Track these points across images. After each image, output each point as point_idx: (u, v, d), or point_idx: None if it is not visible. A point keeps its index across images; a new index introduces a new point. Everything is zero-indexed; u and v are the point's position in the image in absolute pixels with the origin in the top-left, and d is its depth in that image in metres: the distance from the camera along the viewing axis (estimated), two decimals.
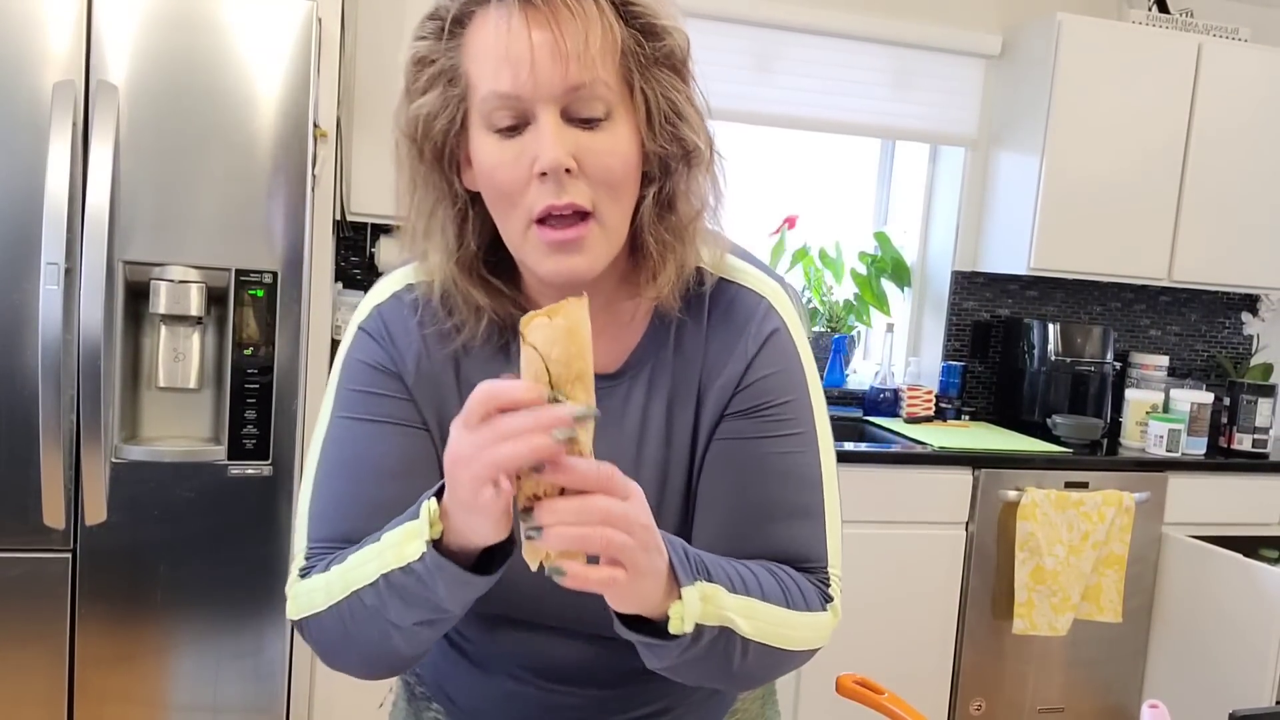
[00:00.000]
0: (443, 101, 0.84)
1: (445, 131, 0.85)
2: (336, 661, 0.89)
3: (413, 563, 0.76)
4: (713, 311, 0.93)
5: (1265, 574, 2.84)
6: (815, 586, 0.90)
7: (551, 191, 0.80)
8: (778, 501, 0.90)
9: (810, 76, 3.27)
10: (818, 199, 3.62)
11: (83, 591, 2.13)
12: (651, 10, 0.83)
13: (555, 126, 0.80)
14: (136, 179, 2.06)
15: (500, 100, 0.80)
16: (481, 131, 0.83)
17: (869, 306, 3.59)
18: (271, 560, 2.21)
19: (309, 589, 0.87)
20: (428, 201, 0.88)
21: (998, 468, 2.96)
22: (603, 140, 0.82)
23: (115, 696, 2.18)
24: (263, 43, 2.09)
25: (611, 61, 0.81)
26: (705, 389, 0.93)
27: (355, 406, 0.91)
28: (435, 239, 0.88)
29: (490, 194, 0.84)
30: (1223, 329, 3.86)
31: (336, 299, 2.69)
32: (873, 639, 2.88)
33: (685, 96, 0.86)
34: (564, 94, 0.80)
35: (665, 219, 0.88)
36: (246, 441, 2.16)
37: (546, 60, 0.78)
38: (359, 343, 0.94)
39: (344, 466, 0.90)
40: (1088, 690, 3.14)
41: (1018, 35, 3.35)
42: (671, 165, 0.87)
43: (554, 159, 0.79)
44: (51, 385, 1.99)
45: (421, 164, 0.87)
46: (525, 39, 0.79)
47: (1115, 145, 3.22)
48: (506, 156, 0.81)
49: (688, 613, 0.76)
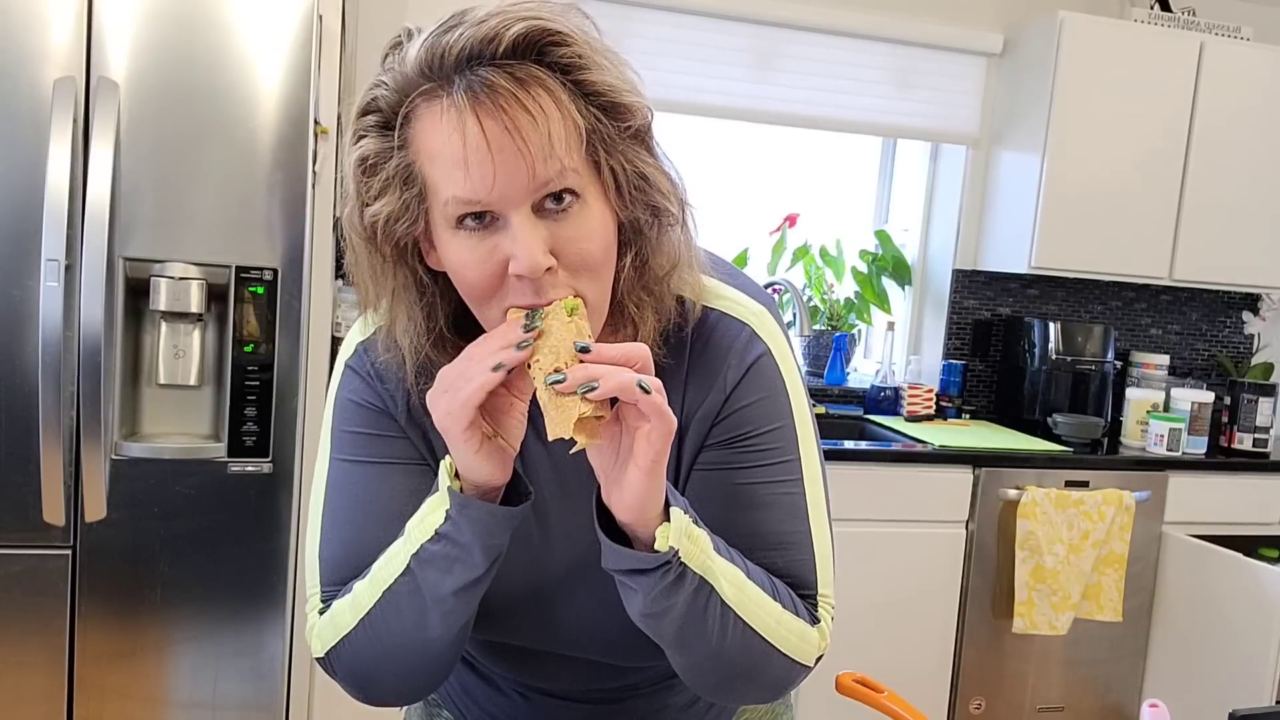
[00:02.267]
0: (402, 204, 0.78)
1: (408, 231, 0.80)
2: (371, 686, 0.88)
3: (440, 527, 0.79)
4: (694, 344, 0.91)
5: (1265, 573, 2.84)
6: (803, 605, 0.90)
7: (531, 291, 0.77)
8: (760, 533, 0.88)
9: (811, 74, 3.27)
10: (819, 197, 3.61)
11: (82, 588, 2.13)
12: (610, 87, 0.78)
13: (529, 227, 0.75)
14: (137, 176, 2.06)
15: (465, 205, 0.76)
16: (447, 230, 0.78)
17: (870, 305, 3.58)
18: (271, 558, 2.22)
19: (332, 615, 0.88)
20: (389, 290, 0.84)
21: (998, 466, 2.96)
22: (577, 226, 0.78)
23: (115, 693, 2.18)
24: (263, 39, 2.09)
25: (576, 146, 0.77)
26: (687, 422, 0.91)
27: (353, 449, 0.91)
28: (401, 323, 0.84)
29: (464, 288, 0.80)
30: (1224, 328, 3.86)
31: (337, 296, 2.69)
32: (872, 637, 2.88)
33: (653, 165, 0.82)
34: (531, 192, 0.75)
35: (642, 278, 0.86)
36: (247, 439, 2.16)
37: (509, 164, 0.74)
38: (347, 381, 0.93)
39: (349, 511, 0.90)
40: (1088, 689, 3.14)
41: (1019, 34, 3.35)
42: (644, 229, 0.84)
43: (532, 262, 0.75)
44: (52, 382, 1.99)
45: (384, 261, 0.82)
46: (483, 145, 0.73)
47: (1117, 144, 3.21)
48: (477, 255, 0.77)
49: (673, 532, 0.76)
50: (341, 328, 2.70)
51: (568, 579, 0.93)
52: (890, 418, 3.35)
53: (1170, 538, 3.11)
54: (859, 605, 2.85)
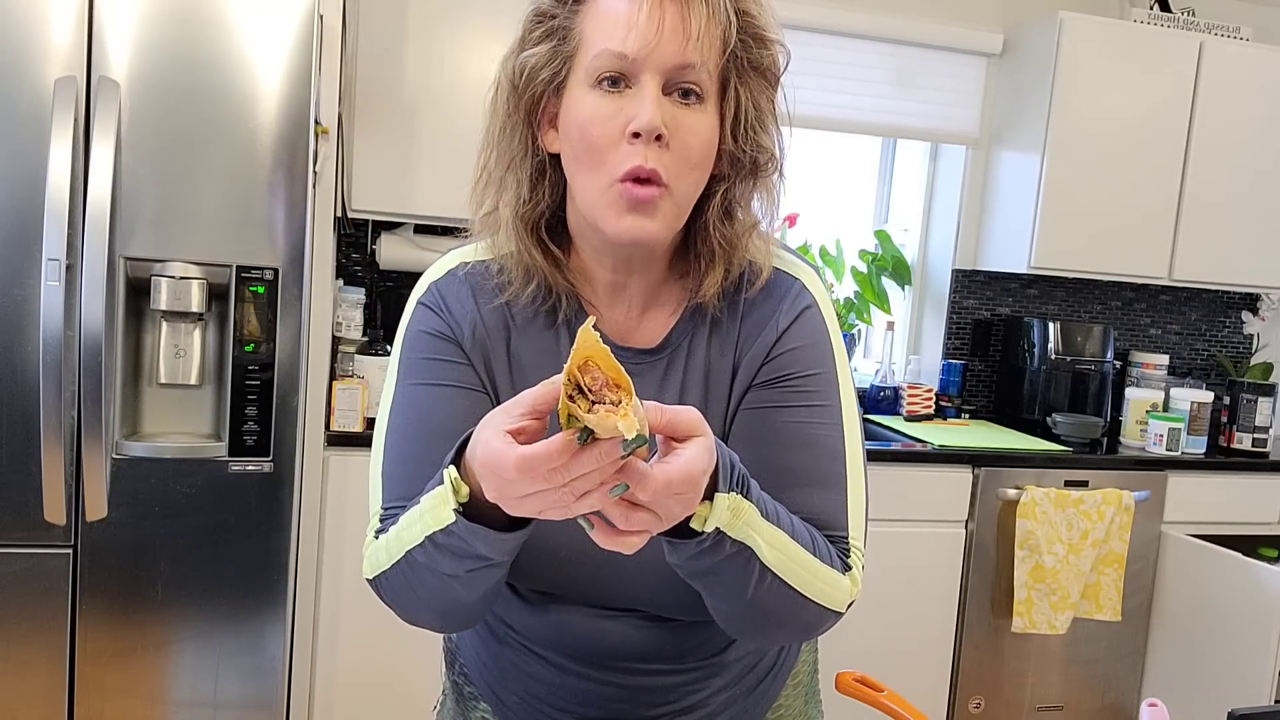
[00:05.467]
0: (550, 55, 0.88)
1: (546, 84, 0.89)
2: (412, 616, 0.93)
3: (450, 525, 0.79)
4: (749, 291, 0.97)
5: (1265, 573, 2.84)
6: (836, 552, 0.91)
7: (640, 154, 0.85)
8: (799, 469, 0.91)
9: (811, 74, 3.27)
10: (819, 197, 3.62)
11: (83, 587, 2.13)
12: (762, 22, 0.89)
13: (656, 93, 0.85)
14: (138, 175, 2.06)
15: (613, 59, 0.85)
16: (583, 88, 0.87)
17: (869, 304, 3.59)
18: (272, 557, 2.22)
19: (376, 549, 0.91)
20: (509, 152, 0.93)
21: (998, 466, 2.96)
22: (693, 119, 0.87)
23: (115, 692, 2.18)
24: (264, 39, 2.09)
25: (718, 55, 0.87)
26: (739, 362, 0.96)
27: (419, 373, 0.95)
28: (509, 191, 0.93)
29: (578, 148, 0.88)
30: (1223, 328, 3.87)
31: (338, 296, 2.69)
32: (872, 637, 2.88)
33: (771, 110, 0.92)
34: (673, 68, 0.85)
35: (723, 225, 0.93)
36: (247, 438, 2.16)
37: (669, 32, 0.84)
38: (418, 316, 0.98)
39: (412, 429, 0.94)
40: (1087, 689, 3.15)
41: (1019, 34, 3.35)
42: (743, 171, 0.92)
43: (651, 121, 0.84)
44: (53, 381, 1.99)
45: (516, 113, 0.91)
46: (658, 8, 0.84)
47: (1116, 144, 3.22)
48: (604, 112, 0.86)
49: (713, 516, 0.77)
50: (342, 327, 2.70)
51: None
52: (890, 417, 3.35)
53: (1169, 537, 3.12)
54: (859, 604, 2.84)
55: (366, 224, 3.03)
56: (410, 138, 2.70)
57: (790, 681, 1.15)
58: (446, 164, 2.69)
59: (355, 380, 2.58)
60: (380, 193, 2.72)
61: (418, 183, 2.72)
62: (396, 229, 2.99)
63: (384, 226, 2.99)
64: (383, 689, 2.60)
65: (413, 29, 2.66)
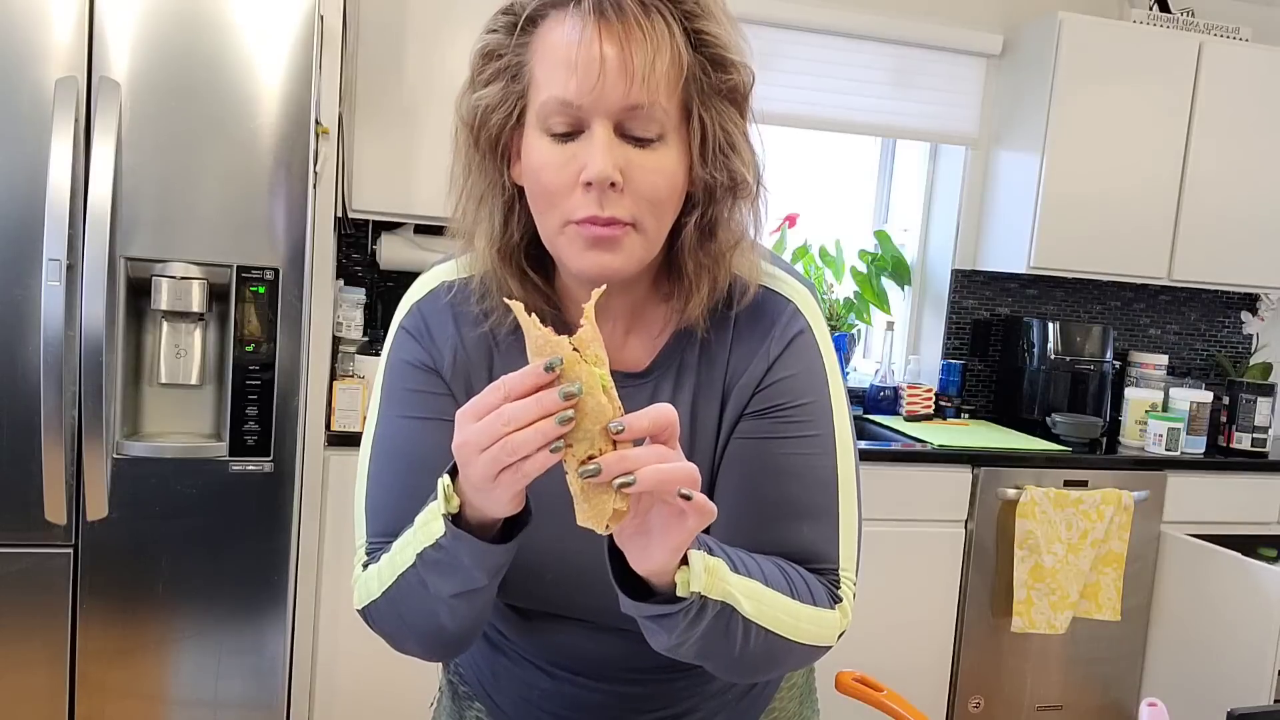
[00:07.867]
0: (503, 96, 0.86)
1: (501, 124, 0.87)
2: (399, 645, 0.93)
3: (440, 538, 0.79)
4: (740, 314, 0.95)
5: (1264, 573, 2.84)
6: (824, 586, 0.91)
7: (595, 203, 0.82)
8: (789, 500, 0.91)
9: (811, 75, 3.28)
10: (818, 197, 3.62)
11: (84, 587, 2.13)
12: (721, 42, 0.85)
13: (607, 140, 0.82)
14: (138, 175, 2.07)
15: (559, 106, 0.82)
16: (535, 132, 0.85)
17: (869, 305, 3.59)
18: (272, 557, 2.22)
19: (366, 578, 0.91)
20: (478, 188, 0.91)
21: (997, 466, 2.96)
22: (651, 160, 0.84)
23: (116, 691, 2.18)
24: (265, 39, 2.10)
25: (674, 87, 0.83)
26: (729, 389, 0.94)
27: (401, 405, 0.95)
28: (482, 225, 0.91)
29: (533, 191, 0.86)
30: (1222, 328, 3.87)
31: (338, 296, 2.70)
32: (872, 636, 2.88)
33: (741, 131, 0.89)
34: (621, 111, 0.82)
35: (705, 245, 0.90)
36: (248, 438, 2.16)
37: (611, 75, 0.80)
38: (400, 342, 0.97)
39: (394, 463, 0.94)
40: (1086, 688, 3.15)
41: (1019, 34, 3.36)
42: (717, 194, 0.88)
43: (601, 171, 0.81)
44: (53, 381, 1.99)
45: (475, 152, 0.90)
46: (595, 51, 0.80)
47: (1116, 144, 3.22)
48: (555, 160, 0.83)
49: (693, 576, 0.77)
50: (342, 328, 2.71)
51: (597, 538, 0.94)
52: (889, 417, 3.35)
53: (1169, 537, 3.12)
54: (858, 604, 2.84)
55: (367, 224, 3.03)
56: (410, 138, 2.70)
57: (785, 684, 1.15)
58: (447, 164, 2.68)
59: (356, 380, 2.58)
60: (380, 193, 2.72)
61: (418, 183, 2.72)
62: (397, 229, 2.99)
63: (384, 226, 3.00)
64: (383, 689, 2.60)
65: (413, 29, 2.66)
